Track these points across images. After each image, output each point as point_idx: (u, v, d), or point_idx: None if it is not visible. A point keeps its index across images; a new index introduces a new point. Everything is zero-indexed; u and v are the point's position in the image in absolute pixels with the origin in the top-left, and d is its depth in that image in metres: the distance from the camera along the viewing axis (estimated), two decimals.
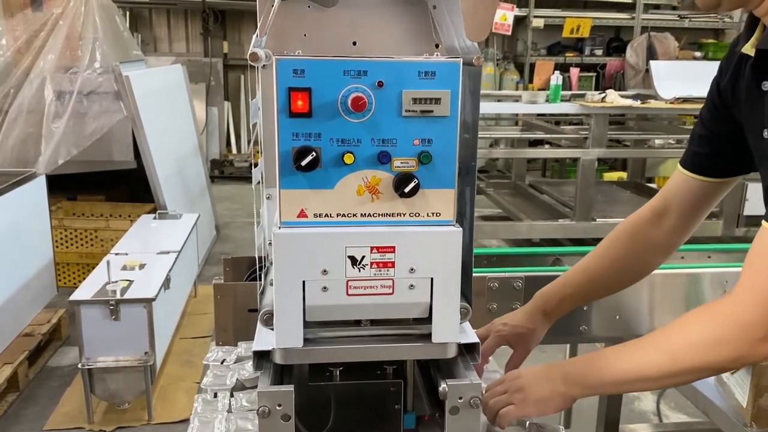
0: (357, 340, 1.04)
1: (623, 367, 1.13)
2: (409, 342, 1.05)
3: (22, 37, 4.45)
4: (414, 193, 0.97)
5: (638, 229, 1.46)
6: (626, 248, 1.47)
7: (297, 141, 0.95)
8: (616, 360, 1.15)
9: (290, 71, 0.93)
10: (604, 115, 5.04)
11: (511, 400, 1.18)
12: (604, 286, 1.52)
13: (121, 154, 4.60)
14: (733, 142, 1.28)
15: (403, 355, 1.11)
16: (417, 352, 1.07)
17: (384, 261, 0.99)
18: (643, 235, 1.45)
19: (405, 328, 1.05)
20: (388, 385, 1.15)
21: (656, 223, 1.44)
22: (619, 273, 1.50)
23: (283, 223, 0.97)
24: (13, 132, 4.21)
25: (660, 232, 1.44)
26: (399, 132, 0.97)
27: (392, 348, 1.05)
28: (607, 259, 1.49)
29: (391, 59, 0.96)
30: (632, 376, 1.13)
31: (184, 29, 8.75)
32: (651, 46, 7.96)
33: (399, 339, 1.05)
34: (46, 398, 3.29)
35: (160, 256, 3.50)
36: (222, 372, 1.47)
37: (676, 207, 1.42)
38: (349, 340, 1.04)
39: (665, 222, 1.43)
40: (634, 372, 1.12)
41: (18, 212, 3.45)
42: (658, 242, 1.45)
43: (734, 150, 1.29)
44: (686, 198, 1.40)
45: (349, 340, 1.04)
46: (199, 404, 1.35)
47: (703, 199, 1.40)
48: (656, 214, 1.44)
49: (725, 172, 1.36)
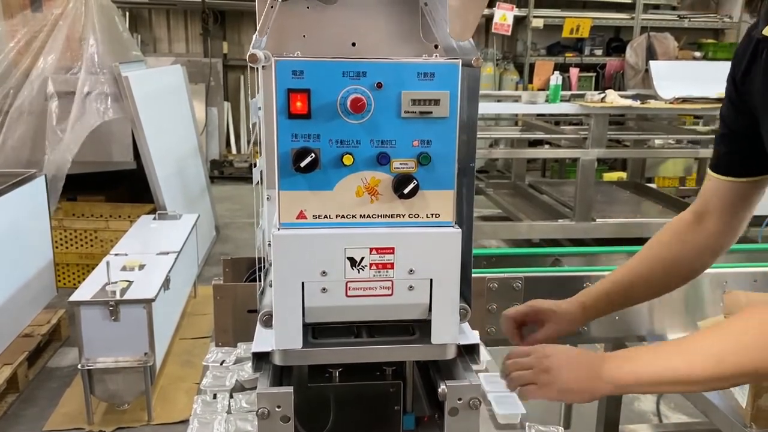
0: (356, 342, 1.05)
1: (663, 367, 1.09)
2: (408, 343, 1.05)
3: (22, 38, 4.45)
4: (413, 194, 0.97)
5: (681, 232, 1.44)
6: (670, 250, 1.44)
7: (296, 142, 0.95)
8: (656, 360, 1.11)
9: (289, 72, 0.93)
10: (603, 115, 5.04)
11: (536, 380, 1.14)
12: (649, 287, 1.48)
13: (120, 155, 4.60)
14: (756, 138, 1.24)
15: (402, 357, 1.10)
16: (416, 354, 1.07)
17: (383, 262, 0.99)
18: (686, 238, 1.42)
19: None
20: (387, 386, 1.15)
21: (698, 226, 1.41)
22: (665, 275, 1.45)
23: (282, 225, 0.97)
24: (13, 133, 4.22)
25: (702, 234, 1.41)
26: (398, 133, 0.97)
27: (391, 349, 1.05)
28: (652, 261, 1.46)
29: (390, 60, 0.96)
30: (672, 378, 1.09)
31: (184, 30, 8.75)
32: (651, 46, 7.96)
33: (398, 340, 1.05)
34: (45, 399, 3.29)
35: (160, 257, 3.49)
36: (221, 373, 1.47)
37: (714, 210, 1.39)
38: (349, 341, 1.05)
39: (707, 225, 1.40)
40: (676, 374, 1.08)
41: (18, 213, 3.45)
42: (702, 245, 1.42)
43: (758, 147, 1.25)
44: (722, 200, 1.37)
45: (348, 342, 1.05)
46: (199, 405, 1.34)
47: (740, 200, 1.36)
48: (697, 216, 1.41)
49: (753, 170, 1.33)
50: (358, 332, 1.08)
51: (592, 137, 4.98)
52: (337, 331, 1.06)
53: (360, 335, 1.08)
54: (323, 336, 1.06)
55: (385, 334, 1.07)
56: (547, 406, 2.85)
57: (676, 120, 6.37)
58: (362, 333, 1.08)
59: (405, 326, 1.08)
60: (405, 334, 1.07)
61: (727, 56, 8.50)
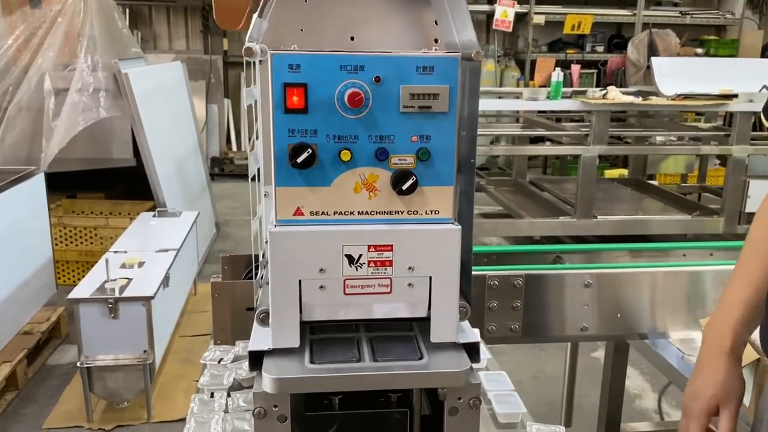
0: (359, 368, 0.99)
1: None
2: (418, 368, 0.99)
3: (21, 35, 4.44)
4: (412, 190, 0.96)
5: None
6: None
7: (293, 137, 0.93)
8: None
9: (285, 66, 0.91)
10: (605, 112, 5.02)
11: None
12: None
13: (120, 152, 4.59)
14: None
15: (410, 384, 1.05)
16: (427, 381, 1.02)
17: (382, 260, 0.98)
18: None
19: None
20: (392, 415, 1.09)
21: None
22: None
23: (278, 222, 0.96)
24: (12, 130, 4.21)
25: None
26: (397, 128, 0.95)
27: (398, 376, 0.99)
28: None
29: (389, 54, 0.94)
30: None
31: (184, 26, 8.73)
32: (652, 43, 7.94)
33: (406, 365, 1.00)
34: (45, 397, 3.28)
35: (160, 254, 3.48)
36: (219, 371, 1.45)
37: None
38: (350, 367, 0.99)
39: None
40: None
41: (17, 210, 3.44)
42: None
43: None
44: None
45: (350, 368, 0.99)
46: (196, 404, 1.33)
47: None
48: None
49: None
50: (359, 340, 1.04)
51: (593, 134, 4.96)
52: (338, 345, 1.02)
53: (360, 344, 1.04)
54: (322, 352, 1.00)
55: (390, 346, 1.01)
56: (548, 405, 2.84)
57: (678, 117, 6.35)
58: (362, 343, 1.04)
59: (408, 335, 1.05)
60: (410, 345, 1.02)
61: (729, 53, 8.49)
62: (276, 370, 0.97)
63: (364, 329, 1.09)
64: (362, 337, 1.07)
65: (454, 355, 1.01)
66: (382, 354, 1.02)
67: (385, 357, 1.01)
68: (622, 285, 1.81)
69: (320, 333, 1.07)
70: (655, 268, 1.84)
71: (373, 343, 1.05)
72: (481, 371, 1.49)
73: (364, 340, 1.06)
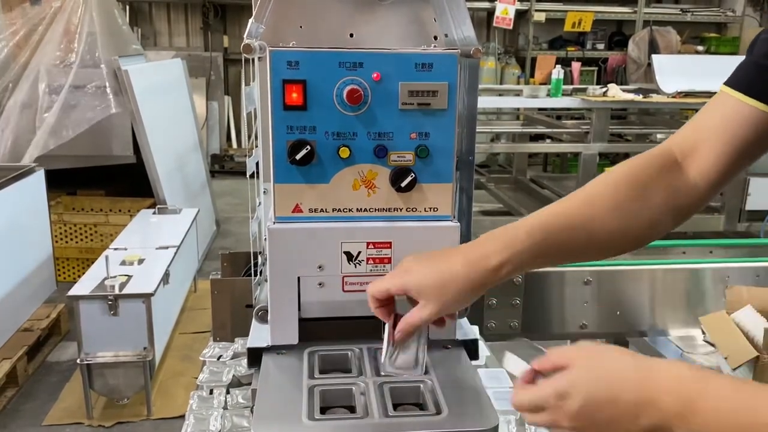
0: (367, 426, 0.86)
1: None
2: (435, 426, 0.86)
3: (20, 32, 4.43)
4: (411, 187, 0.96)
5: (647, 174, 1.04)
6: (628, 194, 1.03)
7: (291, 134, 0.93)
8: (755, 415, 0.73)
9: (284, 63, 0.91)
10: (605, 110, 5.02)
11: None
12: (591, 241, 1.04)
13: (120, 149, 4.58)
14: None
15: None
16: None
17: (380, 257, 0.98)
18: (656, 182, 1.03)
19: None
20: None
21: (674, 168, 1.05)
22: (620, 223, 1.02)
23: (277, 218, 0.96)
24: (12, 126, 4.20)
25: (680, 179, 1.04)
26: (396, 125, 0.95)
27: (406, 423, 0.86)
28: (602, 205, 1.03)
29: (388, 51, 0.94)
30: None
31: (184, 23, 8.72)
32: (653, 40, 7.92)
33: (419, 424, 0.86)
34: (45, 393, 3.28)
35: (160, 251, 3.48)
36: (218, 368, 1.45)
37: (712, 145, 1.03)
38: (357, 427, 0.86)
39: (690, 166, 1.05)
40: None
41: (17, 207, 3.44)
42: (678, 191, 1.04)
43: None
44: (726, 130, 1.03)
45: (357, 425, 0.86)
46: (195, 401, 1.33)
47: (753, 135, 1.01)
48: (674, 155, 1.06)
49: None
50: (365, 387, 0.92)
51: (593, 132, 4.96)
52: (341, 392, 0.91)
53: (367, 390, 0.91)
54: (324, 403, 0.90)
55: (401, 391, 0.89)
56: None
57: (679, 114, 6.34)
58: (369, 389, 0.92)
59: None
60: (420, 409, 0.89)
61: (730, 50, 8.48)
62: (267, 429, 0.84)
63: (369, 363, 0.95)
64: (369, 382, 0.94)
65: (475, 402, 0.89)
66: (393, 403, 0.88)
67: (396, 412, 0.87)
68: (622, 282, 1.81)
69: (322, 364, 0.96)
70: (654, 266, 1.84)
71: (383, 389, 0.92)
72: (481, 369, 1.49)
73: (371, 386, 0.93)
